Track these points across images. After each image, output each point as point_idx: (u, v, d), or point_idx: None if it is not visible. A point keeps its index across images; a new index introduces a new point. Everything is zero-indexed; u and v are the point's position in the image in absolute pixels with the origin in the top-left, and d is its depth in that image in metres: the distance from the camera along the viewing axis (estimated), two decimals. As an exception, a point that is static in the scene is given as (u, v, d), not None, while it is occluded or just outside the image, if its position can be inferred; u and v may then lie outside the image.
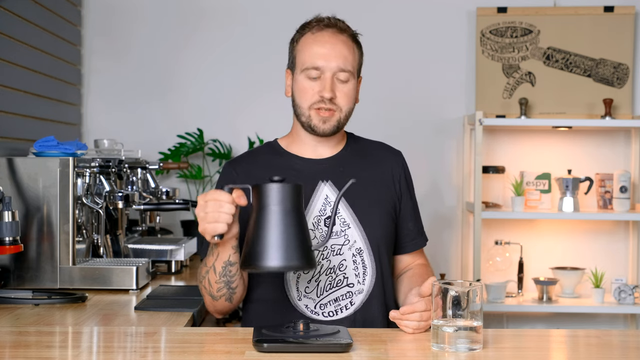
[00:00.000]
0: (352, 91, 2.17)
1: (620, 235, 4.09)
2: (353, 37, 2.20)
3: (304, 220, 1.83)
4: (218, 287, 2.03)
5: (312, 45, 2.16)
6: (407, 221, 2.28)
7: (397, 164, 2.29)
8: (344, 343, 1.71)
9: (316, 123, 2.15)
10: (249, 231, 1.81)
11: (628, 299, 3.84)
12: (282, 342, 1.71)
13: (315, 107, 2.14)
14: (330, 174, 2.20)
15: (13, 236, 2.28)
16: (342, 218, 2.16)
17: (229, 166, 2.25)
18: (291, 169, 2.20)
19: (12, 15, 3.12)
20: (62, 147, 2.66)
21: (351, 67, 2.15)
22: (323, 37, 2.16)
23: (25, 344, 1.86)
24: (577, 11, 4.00)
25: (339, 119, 2.16)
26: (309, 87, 2.15)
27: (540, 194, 3.97)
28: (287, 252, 1.77)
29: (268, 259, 1.76)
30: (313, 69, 2.14)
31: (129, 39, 4.04)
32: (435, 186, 4.08)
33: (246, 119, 4.04)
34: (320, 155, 2.23)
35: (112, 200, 2.68)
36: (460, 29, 4.08)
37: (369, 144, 2.33)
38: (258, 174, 2.16)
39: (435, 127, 4.08)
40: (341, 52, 2.14)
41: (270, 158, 2.25)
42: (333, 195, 2.17)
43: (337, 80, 2.15)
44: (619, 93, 3.99)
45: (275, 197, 1.79)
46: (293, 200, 1.80)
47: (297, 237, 1.78)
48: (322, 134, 2.17)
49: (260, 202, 1.80)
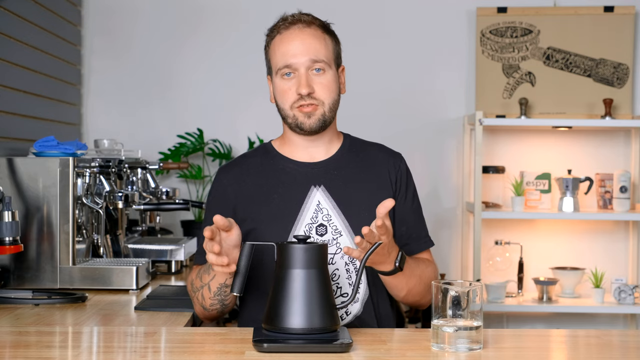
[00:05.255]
0: (331, 82, 2.12)
1: (620, 235, 4.09)
2: (323, 28, 2.16)
3: (328, 279, 1.81)
4: (211, 302, 2.04)
5: (280, 45, 2.13)
6: (402, 224, 2.20)
7: (394, 166, 2.23)
8: (344, 343, 1.71)
9: (301, 120, 2.11)
10: (273, 288, 1.80)
11: (628, 299, 3.83)
12: (282, 342, 1.71)
13: (296, 106, 2.11)
14: (323, 178, 2.15)
15: (13, 236, 2.28)
16: (333, 226, 2.11)
17: (221, 174, 2.22)
18: (283, 172, 2.17)
19: (12, 15, 3.12)
20: (62, 147, 2.66)
21: (324, 57, 2.11)
22: (290, 35, 2.12)
23: (25, 344, 1.86)
24: (577, 11, 4.00)
25: (323, 113, 2.11)
26: (287, 88, 2.12)
27: (540, 194, 3.97)
28: (309, 314, 1.75)
29: (291, 321, 1.75)
30: (286, 68, 2.11)
31: (129, 39, 4.04)
32: (435, 186, 4.08)
33: (246, 119, 4.04)
34: (313, 157, 2.19)
35: (112, 200, 2.68)
36: (460, 29, 4.08)
37: (366, 146, 2.27)
38: (250, 181, 2.16)
39: (435, 127, 4.07)
40: (311, 45, 2.11)
41: (262, 162, 2.21)
42: (325, 202, 2.12)
43: (312, 74, 2.11)
44: (618, 93, 3.99)
45: (300, 258, 1.78)
46: (317, 261, 1.78)
47: (321, 297, 1.77)
48: (309, 130, 2.12)
49: (284, 262, 1.79)
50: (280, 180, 2.17)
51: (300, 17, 2.14)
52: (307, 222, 2.11)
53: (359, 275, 1.83)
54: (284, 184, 2.16)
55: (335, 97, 2.15)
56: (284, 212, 2.12)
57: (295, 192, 2.14)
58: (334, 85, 2.13)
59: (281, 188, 2.15)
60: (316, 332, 1.75)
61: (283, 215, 2.12)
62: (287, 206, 2.13)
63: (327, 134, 2.19)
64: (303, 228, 2.11)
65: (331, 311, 1.78)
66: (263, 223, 2.12)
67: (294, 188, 2.14)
